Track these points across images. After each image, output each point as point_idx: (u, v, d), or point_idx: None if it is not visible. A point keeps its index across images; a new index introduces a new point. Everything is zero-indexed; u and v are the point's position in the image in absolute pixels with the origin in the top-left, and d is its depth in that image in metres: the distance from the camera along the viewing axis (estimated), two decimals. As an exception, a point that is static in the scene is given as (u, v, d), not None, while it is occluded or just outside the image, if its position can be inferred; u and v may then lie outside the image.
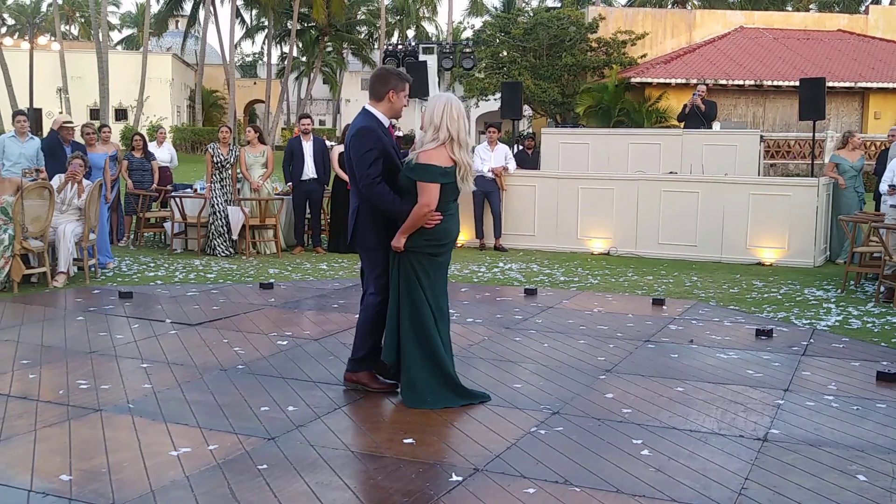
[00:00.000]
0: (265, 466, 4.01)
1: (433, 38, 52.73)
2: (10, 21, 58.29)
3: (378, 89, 5.13)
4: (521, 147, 17.01)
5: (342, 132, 12.32)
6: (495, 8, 52.82)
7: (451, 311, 7.68)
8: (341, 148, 12.04)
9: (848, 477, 3.98)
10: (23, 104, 36.86)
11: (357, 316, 5.36)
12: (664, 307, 8.16)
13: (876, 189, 11.59)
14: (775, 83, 27.65)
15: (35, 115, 21.94)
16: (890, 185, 9.36)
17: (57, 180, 9.36)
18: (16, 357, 6.01)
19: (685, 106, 15.22)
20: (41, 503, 3.62)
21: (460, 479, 3.90)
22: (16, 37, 51.10)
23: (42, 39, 45.67)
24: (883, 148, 12.55)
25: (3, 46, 40.54)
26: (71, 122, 10.40)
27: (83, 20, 57.05)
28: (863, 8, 40.42)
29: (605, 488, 3.81)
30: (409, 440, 4.40)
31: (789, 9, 41.99)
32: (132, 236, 12.85)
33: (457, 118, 4.83)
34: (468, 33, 54.70)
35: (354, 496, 3.73)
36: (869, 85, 27.91)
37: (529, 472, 3.98)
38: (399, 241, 4.89)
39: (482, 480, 3.90)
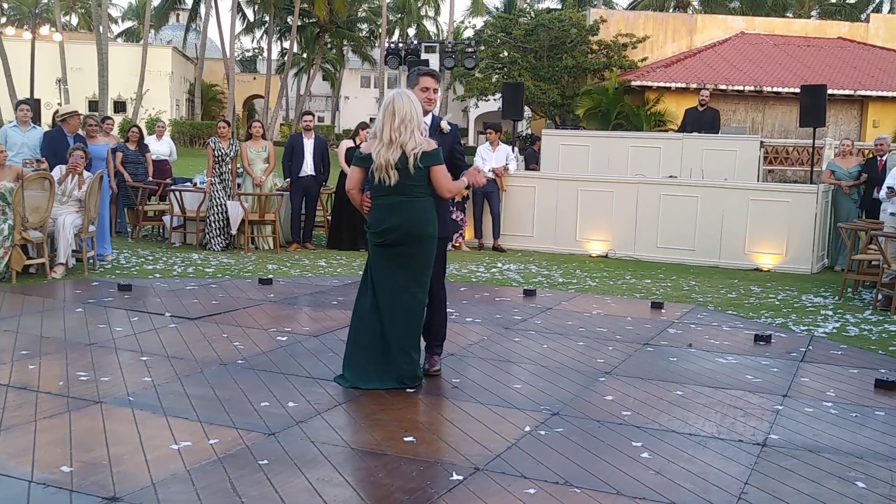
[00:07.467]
0: (266, 462, 4.01)
1: (434, 38, 52.65)
2: (10, 10, 58.05)
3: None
4: (531, 148, 17.04)
5: (356, 128, 12.27)
6: (496, 8, 52.79)
7: (449, 310, 7.73)
8: (349, 143, 12.03)
9: (847, 483, 4.00)
10: (22, 95, 36.75)
11: None
12: (663, 311, 8.18)
13: (863, 199, 11.54)
14: (775, 89, 27.65)
15: (34, 106, 21.78)
16: (889, 188, 9.35)
17: (58, 172, 9.34)
18: (15, 347, 6.00)
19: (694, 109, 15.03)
20: (42, 494, 3.61)
21: (461, 478, 3.90)
22: (15, 27, 50.91)
23: (44, 30, 45.50)
24: (870, 156, 12.44)
25: (3, 36, 40.38)
26: (75, 111, 10.29)
27: (83, 11, 56.88)
28: (864, 16, 40.42)
29: (606, 490, 3.82)
30: (410, 438, 4.40)
31: (790, 15, 42.02)
32: (130, 230, 12.83)
33: (381, 117, 5.08)
34: (469, 33, 54.68)
35: (355, 493, 3.74)
36: (868, 93, 27.90)
37: (530, 473, 3.99)
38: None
39: (483, 480, 3.90)
